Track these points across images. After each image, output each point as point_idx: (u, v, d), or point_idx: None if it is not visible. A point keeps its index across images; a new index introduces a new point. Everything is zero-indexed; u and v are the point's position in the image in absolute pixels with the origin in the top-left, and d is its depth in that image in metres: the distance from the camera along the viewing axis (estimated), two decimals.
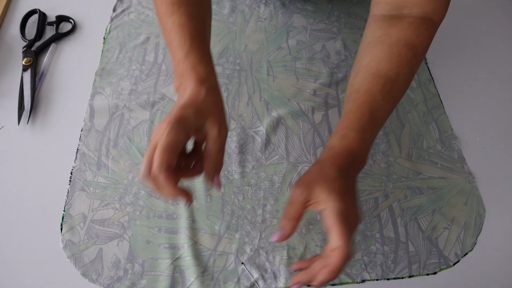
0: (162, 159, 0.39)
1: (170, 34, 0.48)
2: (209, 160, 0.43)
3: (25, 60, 0.68)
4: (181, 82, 0.46)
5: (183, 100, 0.43)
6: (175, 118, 0.40)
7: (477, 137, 0.64)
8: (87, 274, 0.51)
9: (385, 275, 0.52)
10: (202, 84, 0.44)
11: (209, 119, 0.43)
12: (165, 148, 0.39)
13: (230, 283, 0.50)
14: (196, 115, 0.42)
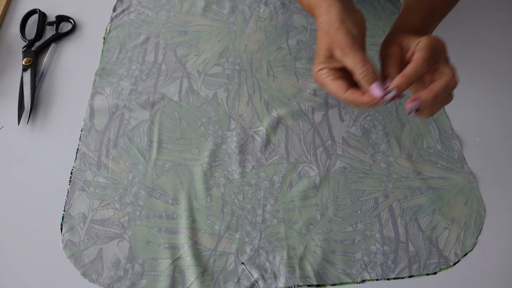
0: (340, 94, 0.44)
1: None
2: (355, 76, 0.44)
3: (25, 60, 0.68)
4: (315, 13, 0.48)
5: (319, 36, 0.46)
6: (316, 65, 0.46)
7: (477, 137, 0.64)
8: (87, 274, 0.51)
9: (385, 275, 0.52)
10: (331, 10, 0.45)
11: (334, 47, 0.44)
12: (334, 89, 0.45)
13: (230, 283, 0.50)
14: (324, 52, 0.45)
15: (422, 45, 0.43)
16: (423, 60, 0.42)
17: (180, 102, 0.66)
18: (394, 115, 0.65)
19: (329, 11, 0.46)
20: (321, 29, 0.45)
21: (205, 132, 0.63)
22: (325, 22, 0.45)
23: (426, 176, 0.60)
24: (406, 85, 0.41)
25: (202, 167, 0.59)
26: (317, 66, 0.46)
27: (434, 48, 0.43)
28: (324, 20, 0.45)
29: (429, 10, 0.51)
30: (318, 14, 0.47)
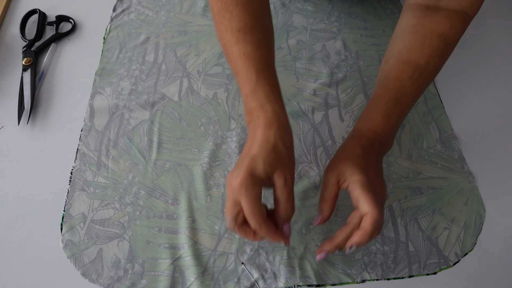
0: (257, 218, 0.42)
1: (236, 64, 0.47)
2: (280, 207, 0.44)
3: (25, 60, 0.68)
4: (250, 120, 0.46)
5: (252, 151, 0.43)
6: (245, 175, 0.41)
7: (477, 137, 0.64)
8: (87, 274, 0.51)
9: (385, 275, 0.52)
10: (270, 128, 0.44)
11: (277, 170, 0.43)
12: (253, 208, 0.41)
13: (230, 283, 0.50)
14: (266, 168, 0.42)
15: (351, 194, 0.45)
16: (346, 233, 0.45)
17: (180, 102, 0.66)
18: None
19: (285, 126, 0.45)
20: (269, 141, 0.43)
21: (205, 132, 0.63)
22: (278, 137, 0.44)
23: (426, 176, 0.60)
24: (333, 250, 0.46)
25: (202, 167, 0.59)
26: (246, 175, 0.41)
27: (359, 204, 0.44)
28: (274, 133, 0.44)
29: (394, 101, 0.50)
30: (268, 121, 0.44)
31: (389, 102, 0.50)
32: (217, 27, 0.49)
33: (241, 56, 0.47)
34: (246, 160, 0.43)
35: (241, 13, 0.47)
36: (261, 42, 0.48)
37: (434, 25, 0.51)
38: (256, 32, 0.48)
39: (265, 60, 0.47)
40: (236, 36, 0.47)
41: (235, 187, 0.41)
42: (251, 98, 0.46)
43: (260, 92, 0.46)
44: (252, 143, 0.44)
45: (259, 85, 0.46)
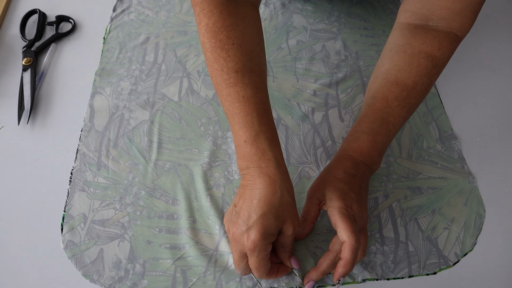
0: (263, 273, 0.45)
1: (233, 106, 0.46)
2: (285, 251, 0.47)
3: (25, 60, 0.68)
4: (246, 165, 0.46)
5: (261, 206, 0.43)
6: (260, 235, 0.42)
7: (477, 137, 0.64)
8: (88, 275, 0.51)
9: (385, 275, 0.52)
10: (275, 179, 0.44)
11: (286, 222, 0.45)
12: (261, 266, 0.45)
13: (232, 283, 0.51)
14: (277, 223, 0.44)
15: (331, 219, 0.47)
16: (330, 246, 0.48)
17: (180, 102, 0.66)
18: None
19: (287, 175, 0.46)
20: (277, 194, 0.44)
21: (205, 132, 0.63)
22: (284, 189, 0.45)
23: (426, 176, 0.60)
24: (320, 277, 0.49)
25: (202, 167, 0.59)
26: (260, 237, 0.42)
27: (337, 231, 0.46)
28: (280, 185, 0.44)
29: (381, 121, 0.50)
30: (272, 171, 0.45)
31: (375, 122, 0.50)
32: (210, 65, 0.47)
33: (240, 99, 0.46)
34: (255, 217, 0.43)
35: (237, 54, 0.45)
36: (259, 85, 0.47)
37: (422, 46, 0.51)
38: (254, 75, 0.46)
39: (264, 105, 0.47)
40: (233, 78, 0.45)
41: (248, 246, 0.43)
42: (252, 143, 0.45)
43: (262, 138, 0.45)
44: (255, 196, 0.44)
45: (262, 131, 0.46)
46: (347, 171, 0.49)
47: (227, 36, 0.45)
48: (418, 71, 0.50)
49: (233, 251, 0.46)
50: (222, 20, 0.45)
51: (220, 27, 0.45)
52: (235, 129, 0.47)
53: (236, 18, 0.46)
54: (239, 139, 0.47)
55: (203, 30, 0.46)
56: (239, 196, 0.47)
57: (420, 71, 0.50)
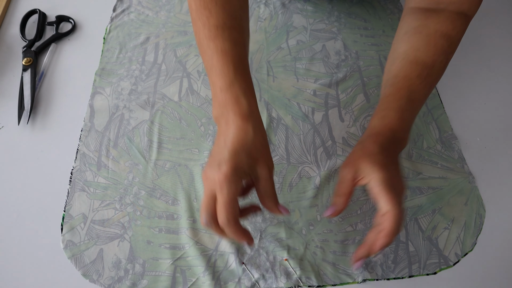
0: (229, 214, 0.41)
1: (211, 59, 0.47)
2: (268, 198, 0.45)
3: (25, 60, 0.68)
4: (221, 112, 0.46)
5: (232, 143, 0.43)
6: (231, 169, 0.41)
7: (477, 137, 0.64)
8: (87, 275, 0.51)
9: (385, 275, 0.52)
10: (248, 120, 0.44)
11: (259, 162, 0.44)
12: (229, 203, 0.41)
13: (231, 283, 0.51)
14: (249, 162, 0.43)
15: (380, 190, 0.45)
16: None
17: (180, 102, 0.66)
18: None
19: (260, 121, 0.46)
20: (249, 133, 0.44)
21: (205, 132, 0.63)
22: (258, 130, 0.45)
23: (426, 176, 0.60)
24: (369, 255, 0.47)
25: (202, 167, 0.59)
26: (231, 169, 0.42)
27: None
28: (252, 127, 0.44)
29: (406, 99, 0.51)
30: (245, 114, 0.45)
31: (401, 100, 0.51)
32: (194, 24, 0.50)
33: (218, 52, 0.47)
34: (226, 153, 0.43)
35: (220, 12, 0.48)
36: (238, 41, 0.48)
37: (437, 26, 0.53)
38: (233, 31, 0.48)
39: (242, 58, 0.48)
40: (214, 32, 0.48)
41: (217, 180, 0.41)
42: (226, 91, 0.46)
43: (236, 87, 0.46)
44: (228, 136, 0.44)
45: (236, 79, 0.46)
46: (384, 146, 0.48)
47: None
48: (435, 50, 0.52)
49: (204, 193, 0.44)
50: None
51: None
52: (212, 80, 0.48)
53: None
54: (215, 88, 0.47)
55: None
56: (215, 143, 0.47)
57: (438, 50, 0.52)
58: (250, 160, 0.43)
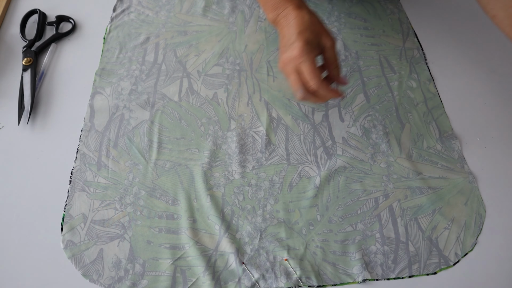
0: (319, 76, 0.50)
1: None
2: (333, 65, 0.53)
3: (25, 60, 0.68)
4: (277, 14, 0.54)
5: (295, 27, 0.51)
6: (303, 42, 0.49)
7: (477, 137, 0.64)
8: (87, 275, 0.51)
9: (385, 275, 0.52)
10: (302, 8, 0.52)
11: (322, 35, 0.52)
12: (315, 68, 0.50)
13: (231, 283, 0.51)
14: (314, 35, 0.51)
15: None
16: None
17: (180, 102, 0.66)
18: (394, 115, 0.65)
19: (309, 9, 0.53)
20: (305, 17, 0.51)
21: (205, 132, 0.63)
22: (312, 13, 0.53)
23: (426, 176, 0.60)
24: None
25: (202, 167, 0.59)
26: (303, 44, 0.49)
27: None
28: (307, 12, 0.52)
29: None
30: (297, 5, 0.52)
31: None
32: None
33: None
34: (294, 35, 0.50)
35: None
36: None
37: None
38: None
39: None
40: None
41: (296, 55, 0.49)
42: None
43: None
44: (290, 24, 0.52)
45: None
46: None
47: None
48: None
49: (289, 75, 0.51)
50: None
51: None
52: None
53: None
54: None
55: None
56: (281, 38, 0.54)
57: None
58: (314, 34, 0.51)
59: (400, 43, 0.75)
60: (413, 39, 0.76)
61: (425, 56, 0.74)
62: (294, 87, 0.51)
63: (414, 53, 0.74)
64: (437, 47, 0.74)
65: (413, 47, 0.74)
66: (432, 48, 0.75)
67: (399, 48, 0.74)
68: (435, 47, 0.75)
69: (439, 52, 0.74)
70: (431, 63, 0.73)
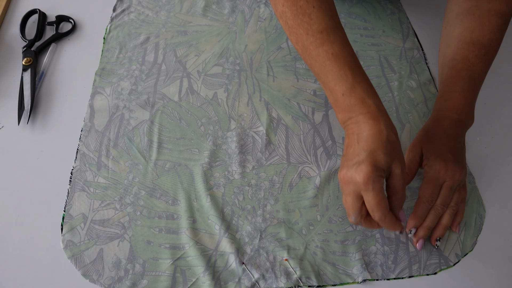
0: (385, 210, 0.44)
1: (323, 66, 0.48)
2: (396, 196, 0.46)
3: (25, 60, 0.68)
4: (349, 117, 0.48)
5: (368, 143, 0.45)
6: (372, 168, 0.43)
7: (477, 137, 0.64)
8: (87, 275, 0.51)
9: (386, 275, 0.52)
10: (379, 120, 0.45)
11: (394, 159, 0.45)
12: (381, 200, 0.43)
13: (231, 283, 0.50)
14: (385, 159, 0.44)
15: (426, 176, 0.52)
16: (427, 198, 0.51)
17: (180, 102, 0.66)
18: (394, 115, 0.65)
19: (389, 118, 0.47)
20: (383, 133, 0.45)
21: (205, 132, 0.63)
22: (390, 129, 0.46)
23: None
24: (419, 223, 0.52)
25: (202, 167, 0.59)
26: (372, 169, 0.42)
27: (437, 180, 0.51)
28: (385, 125, 0.45)
29: (468, 79, 0.54)
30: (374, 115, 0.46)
31: (462, 81, 0.54)
32: (293, 31, 0.49)
33: (330, 57, 0.47)
34: (363, 153, 0.44)
35: (319, 15, 0.48)
36: (344, 41, 0.49)
37: (490, 5, 0.55)
38: (338, 32, 0.48)
39: (353, 58, 0.48)
40: (319, 38, 0.48)
41: (361, 181, 0.42)
42: (349, 96, 0.47)
43: (358, 89, 0.47)
44: (362, 137, 0.45)
45: (356, 82, 0.47)
46: (446, 132, 0.53)
47: (306, 1, 0.48)
48: (490, 28, 0.54)
49: (346, 195, 0.46)
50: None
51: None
52: (330, 85, 0.48)
53: None
54: (336, 94, 0.48)
55: (282, 0, 0.49)
56: (346, 145, 0.49)
57: (493, 28, 0.54)
58: (386, 157, 0.44)
59: (400, 43, 0.75)
60: (413, 39, 0.76)
61: (425, 56, 0.74)
62: (349, 210, 0.46)
63: (414, 53, 0.74)
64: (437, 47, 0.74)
65: (413, 47, 0.75)
66: (432, 48, 0.75)
67: (399, 48, 0.74)
68: (435, 47, 0.74)
69: None
70: (431, 63, 0.73)
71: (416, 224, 0.51)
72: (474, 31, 0.55)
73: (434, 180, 0.51)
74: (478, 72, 0.54)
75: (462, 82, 0.54)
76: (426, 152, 0.53)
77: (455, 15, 0.58)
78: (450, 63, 0.56)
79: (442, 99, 0.55)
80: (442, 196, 0.51)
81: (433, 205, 0.51)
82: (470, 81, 0.54)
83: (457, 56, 0.56)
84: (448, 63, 0.57)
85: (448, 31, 0.59)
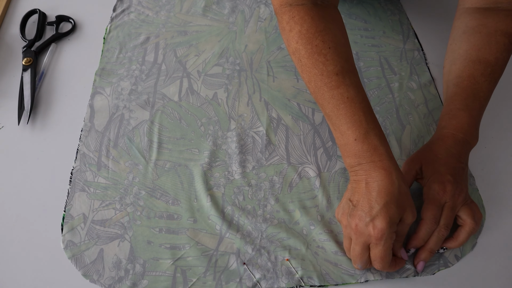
0: (387, 263, 0.47)
1: (337, 109, 0.48)
2: (398, 240, 0.49)
3: (25, 60, 0.68)
4: (358, 163, 0.48)
5: (381, 196, 0.45)
6: (386, 224, 0.44)
7: None
8: (88, 275, 0.51)
9: (389, 275, 0.51)
10: (391, 171, 0.46)
11: (407, 210, 0.46)
12: (387, 255, 0.46)
13: (232, 283, 0.50)
14: (399, 211, 0.45)
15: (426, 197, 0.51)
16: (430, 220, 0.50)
17: (180, 102, 0.66)
18: (395, 116, 0.65)
19: (399, 168, 0.48)
20: (395, 185, 0.46)
21: (205, 132, 0.63)
22: (401, 180, 0.47)
23: None
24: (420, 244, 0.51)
25: (202, 167, 0.59)
26: (387, 225, 0.44)
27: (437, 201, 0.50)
28: (396, 176, 0.46)
29: (473, 97, 0.54)
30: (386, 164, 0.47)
31: (468, 99, 0.54)
32: (307, 70, 0.49)
33: (345, 100, 0.47)
34: (378, 207, 0.45)
35: (335, 57, 0.48)
36: (359, 85, 0.49)
37: (497, 24, 0.55)
38: (352, 75, 0.49)
39: (367, 103, 0.49)
40: (335, 80, 0.48)
41: (374, 236, 0.45)
42: (362, 141, 0.47)
43: (372, 135, 0.47)
44: (373, 188, 0.46)
45: (370, 128, 0.47)
46: (449, 151, 0.52)
47: (323, 41, 0.48)
48: (497, 48, 0.54)
49: (355, 244, 0.47)
50: (315, 26, 0.48)
51: (314, 33, 0.48)
52: (342, 129, 0.48)
53: (327, 22, 0.49)
54: (347, 138, 0.48)
55: (296, 37, 0.49)
56: (352, 191, 0.49)
57: (499, 48, 0.54)
58: (400, 210, 0.45)
59: (400, 44, 0.75)
60: (413, 40, 0.76)
61: (426, 57, 0.74)
62: (356, 259, 0.48)
63: (415, 54, 0.74)
64: (438, 48, 0.74)
65: (413, 48, 0.75)
66: (433, 49, 0.75)
67: (399, 49, 0.74)
68: (435, 48, 0.75)
69: (440, 53, 0.74)
70: (432, 64, 0.73)
71: (416, 245, 0.51)
72: (481, 49, 0.54)
73: (435, 201, 0.50)
74: (483, 90, 0.54)
75: (467, 100, 0.54)
76: (425, 170, 0.52)
77: (461, 33, 0.57)
78: (455, 80, 0.56)
79: (447, 116, 0.55)
80: (444, 218, 0.50)
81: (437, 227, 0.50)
82: (475, 99, 0.54)
83: (463, 74, 0.55)
84: (453, 80, 0.56)
85: (453, 48, 0.58)
